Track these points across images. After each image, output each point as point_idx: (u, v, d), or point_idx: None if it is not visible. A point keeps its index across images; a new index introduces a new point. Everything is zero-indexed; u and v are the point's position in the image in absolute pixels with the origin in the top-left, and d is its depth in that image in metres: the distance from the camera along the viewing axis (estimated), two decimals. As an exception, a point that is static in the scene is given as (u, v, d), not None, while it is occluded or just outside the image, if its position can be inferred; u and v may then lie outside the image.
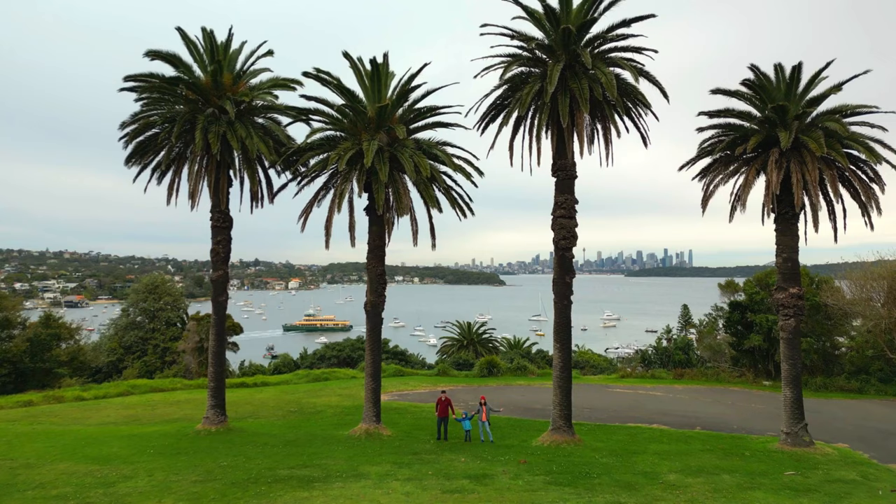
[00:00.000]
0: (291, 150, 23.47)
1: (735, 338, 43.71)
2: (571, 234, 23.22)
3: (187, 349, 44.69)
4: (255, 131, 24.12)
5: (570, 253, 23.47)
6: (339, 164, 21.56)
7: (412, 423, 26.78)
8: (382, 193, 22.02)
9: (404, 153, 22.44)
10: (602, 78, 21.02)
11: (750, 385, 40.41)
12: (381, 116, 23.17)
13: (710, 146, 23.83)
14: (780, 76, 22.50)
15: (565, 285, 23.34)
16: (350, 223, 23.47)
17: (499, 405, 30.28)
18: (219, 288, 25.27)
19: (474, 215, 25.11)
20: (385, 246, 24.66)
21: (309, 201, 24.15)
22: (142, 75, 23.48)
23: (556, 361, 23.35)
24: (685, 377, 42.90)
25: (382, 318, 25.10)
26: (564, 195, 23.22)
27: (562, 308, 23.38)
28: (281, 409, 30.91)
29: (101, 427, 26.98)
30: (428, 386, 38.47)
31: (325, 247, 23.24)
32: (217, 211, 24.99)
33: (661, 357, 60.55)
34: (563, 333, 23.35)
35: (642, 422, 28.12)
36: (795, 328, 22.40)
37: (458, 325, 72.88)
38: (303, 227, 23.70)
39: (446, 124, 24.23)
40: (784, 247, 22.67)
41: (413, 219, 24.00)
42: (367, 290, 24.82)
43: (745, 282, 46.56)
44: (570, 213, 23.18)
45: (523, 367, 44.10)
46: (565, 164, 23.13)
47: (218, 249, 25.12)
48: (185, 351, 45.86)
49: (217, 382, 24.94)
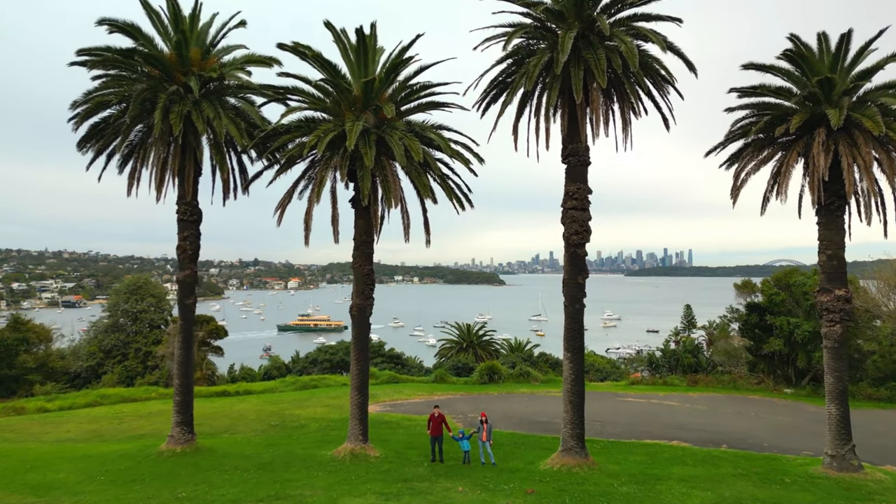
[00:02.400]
0: (265, 133, 20.58)
1: (752, 342, 40.85)
2: (584, 227, 20.39)
3: (168, 354, 41.83)
4: (226, 112, 21.28)
5: (583, 250, 20.64)
6: (318, 147, 18.73)
7: (404, 441, 23.94)
8: (368, 181, 19.17)
9: (393, 136, 19.59)
10: (622, 47, 18.17)
11: (770, 393, 37.57)
12: (368, 94, 20.31)
13: (742, 128, 20.97)
14: (823, 47, 19.66)
15: (577, 286, 20.51)
16: (333, 216, 20.60)
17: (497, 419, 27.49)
18: (186, 289, 22.41)
19: (473, 207, 22.27)
20: (373, 242, 21.82)
21: (286, 192, 21.28)
22: (96, 49, 20.62)
23: (566, 373, 20.51)
24: (700, 384, 40.03)
25: (370, 323, 22.26)
26: (576, 184, 20.38)
27: (573, 312, 20.54)
28: (261, 423, 28.07)
29: (57, 445, 24.14)
30: (424, 394, 35.63)
31: (305, 243, 20.40)
32: (183, 203, 22.15)
33: (669, 360, 57.78)
34: (575, 341, 20.51)
35: (660, 437, 25.30)
36: (842, 336, 19.55)
37: (458, 326, 70.06)
38: (279, 220, 20.82)
39: (442, 105, 21.39)
40: (829, 242, 19.81)
41: (404, 211, 21.18)
42: (352, 292, 21.99)
43: (762, 282, 43.71)
44: (582, 205, 20.34)
45: (526, 374, 41.27)
46: (577, 148, 20.29)
47: (185, 246, 22.26)
48: (165, 356, 42.99)
49: (183, 396, 22.09)
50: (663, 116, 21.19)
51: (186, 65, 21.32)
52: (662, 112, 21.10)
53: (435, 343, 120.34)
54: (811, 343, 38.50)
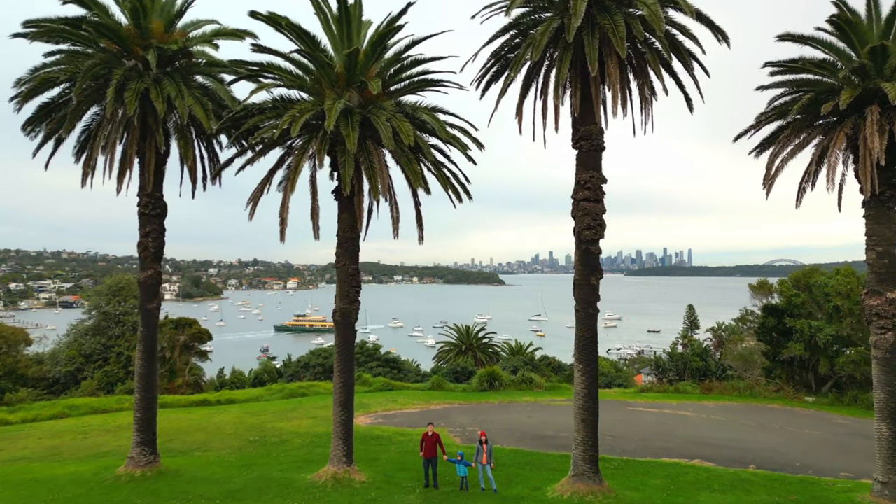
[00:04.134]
0: (233, 114, 18.03)
1: (770, 346, 38.34)
2: (598, 221, 17.88)
3: (146, 360, 39.27)
4: (191, 91, 18.75)
5: (597, 246, 18.13)
6: (292, 129, 16.20)
7: (395, 461, 21.44)
8: (350, 168, 16.65)
9: (380, 116, 17.08)
10: (644, 11, 15.67)
11: (791, 401, 35.06)
12: (352, 70, 17.79)
13: (779, 109, 18.47)
14: (873, 13, 17.16)
15: (590, 288, 18.00)
16: (312, 209, 18.11)
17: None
18: (148, 292, 19.89)
19: (472, 200, 19.76)
20: (359, 239, 19.31)
21: (260, 182, 18.75)
22: (41, 19, 18.11)
23: (577, 386, 18.00)
24: (714, 391, 37.55)
25: (356, 330, 19.76)
26: (589, 172, 17.87)
27: (585, 318, 18.03)
28: (239, 438, 25.54)
29: (7, 465, 21.61)
30: (419, 403, 33.13)
31: (280, 239, 17.88)
32: (144, 194, 19.63)
33: (677, 364, 55.43)
34: (588, 351, 17.99)
35: (679, 455, 22.80)
36: (895, 345, 17.04)
37: (457, 328, 67.52)
38: (251, 214, 18.29)
39: (436, 83, 18.83)
40: (879, 238, 17.29)
41: (393, 203, 18.69)
42: (336, 295, 19.49)
43: (778, 283, 41.24)
44: (596, 195, 17.84)
45: (529, 380, 38.76)
46: (590, 130, 17.79)
47: (146, 243, 19.74)
48: (143, 362, 40.39)
49: (145, 413, 19.56)
50: (686, 96, 18.72)
51: (147, 38, 18.78)
52: (686, 91, 18.65)
53: (433, 344, 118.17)
54: (834, 348, 36.18)
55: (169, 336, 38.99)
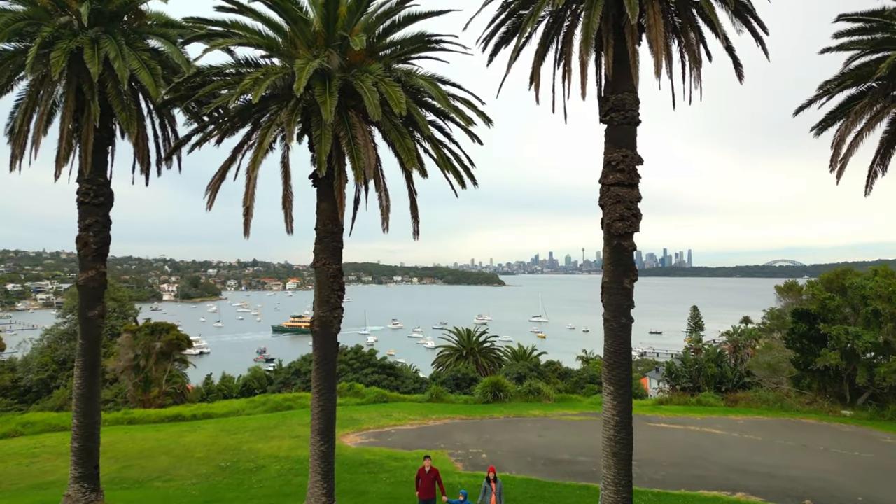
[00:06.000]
0: (184, 77, 14.72)
1: (800, 354, 35.04)
2: (633, 210, 14.63)
3: (119, 368, 36.09)
4: (137, 53, 15.47)
5: (630, 241, 14.88)
6: (254, 93, 12.93)
7: (387, 495, 18.18)
8: (327, 144, 13.37)
9: (365, 80, 13.80)
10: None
11: (826, 415, 31.78)
12: (331, 25, 14.51)
13: (856, 72, 15.19)
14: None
15: (623, 293, 14.74)
16: (284, 196, 14.93)
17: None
18: (89, 297, 16.61)
19: (477, 186, 16.48)
20: (342, 233, 16.04)
21: (221, 165, 15.51)
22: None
23: (608, 412, 14.74)
24: (740, 403, 34.23)
25: (338, 343, 16.48)
26: (621, 150, 14.61)
27: (617, 329, 14.76)
28: (209, 463, 22.26)
29: (-71, 501, 18.36)
30: (416, 419, 29.83)
31: (244, 233, 14.55)
32: (84, 180, 16.38)
33: (691, 371, 52.38)
34: (620, 369, 14.72)
35: (718, 486, 19.56)
36: None
37: (457, 332, 64.22)
38: (210, 202, 15.04)
39: (435, 42, 15.54)
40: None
41: (382, 189, 15.44)
42: (314, 301, 16.22)
43: (807, 284, 37.99)
44: (630, 179, 14.57)
45: (537, 391, 35.45)
46: (623, 100, 14.52)
47: (87, 238, 16.48)
48: (115, 370, 37.17)
49: (84, 442, 16.29)
50: (735, 60, 15.49)
51: (85, -10, 15.53)
52: (735, 54, 15.42)
53: (433, 345, 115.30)
54: (872, 356, 32.96)
55: (144, 343, 35.71)
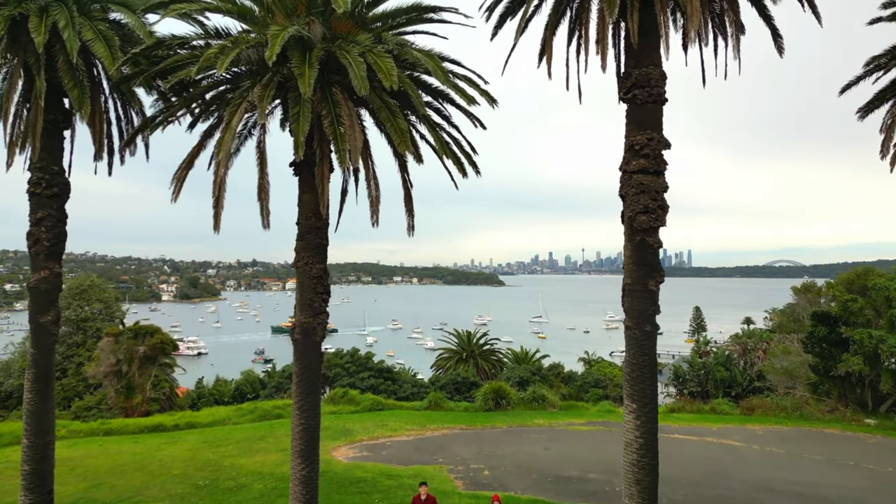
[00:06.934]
0: (143, 47, 12.81)
1: (820, 359, 33.14)
2: (659, 202, 12.76)
3: (99, 374, 34.19)
4: (93, 23, 13.57)
5: (656, 237, 13.03)
6: (219, 65, 11.04)
7: (378, 521, 16.30)
8: (306, 121, 11.47)
9: (351, 51, 11.91)
10: None
11: (849, 425, 29.88)
12: (312, -11, 12.65)
13: None
14: None
15: (648, 296, 12.87)
16: (259, 186, 13.04)
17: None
18: (42, 300, 14.71)
19: (480, 174, 14.58)
20: (327, 228, 14.16)
21: (191, 151, 13.63)
22: None
23: (630, 433, 12.86)
24: (757, 411, 32.34)
25: (322, 352, 14.58)
26: (645, 132, 12.73)
27: (641, 338, 12.88)
28: (185, 482, 20.34)
29: None
30: (414, 429, 27.92)
31: (214, 227, 12.71)
32: (34, 167, 14.50)
33: (699, 374, 50.71)
34: (644, 384, 12.83)
35: (745, 509, 17.71)
36: None
37: (457, 334, 62.34)
38: (175, 193, 13.15)
39: (431, 12, 13.66)
40: None
41: (371, 176, 13.54)
42: (295, 305, 14.33)
43: (825, 285, 36.12)
44: (656, 165, 12.70)
45: (541, 398, 33.53)
46: (648, 74, 12.65)
47: (38, 234, 14.60)
48: (95, 377, 35.24)
49: (36, 465, 14.39)
50: (774, 31, 13.63)
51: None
52: (773, 24, 13.56)
53: (433, 346, 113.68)
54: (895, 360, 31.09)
55: (126, 347, 33.78)
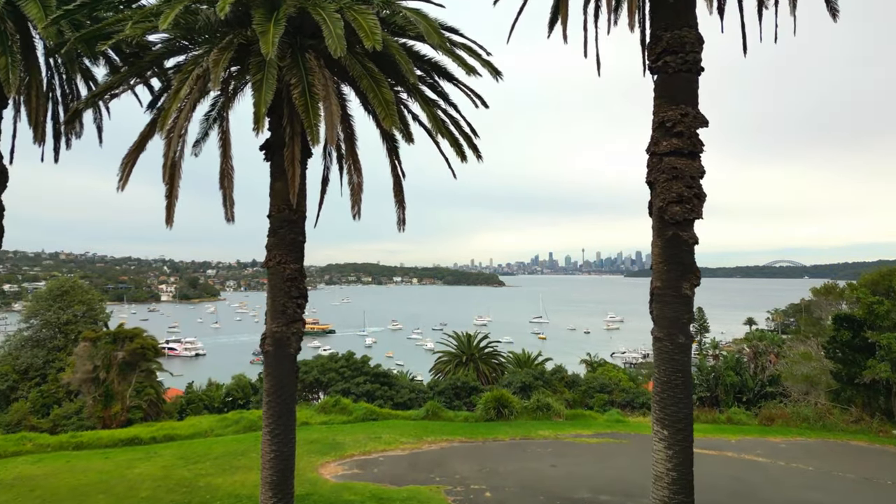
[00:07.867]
0: (80, 4, 10.79)
1: (843, 365, 31.13)
2: (694, 190, 10.71)
3: (75, 381, 32.16)
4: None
5: (691, 232, 10.94)
6: (161, 21, 9.02)
7: (365, 558, 14.26)
8: (269, 90, 9.44)
9: (326, 7, 9.88)
10: None
11: (877, 437, 27.86)
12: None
13: None
14: None
15: (681, 302, 10.79)
16: (221, 170, 11.03)
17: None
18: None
19: (481, 160, 12.53)
20: (302, 221, 12.14)
21: (142, 131, 11.58)
22: None
23: (661, 466, 10.81)
24: (777, 422, 30.31)
25: (298, 366, 12.55)
26: (678, 107, 10.69)
27: (674, 351, 10.81)
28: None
29: None
30: (409, 442, 25.85)
31: (167, 221, 10.72)
32: (-38, 151, 12.46)
33: (708, 379, 48.74)
34: (677, 406, 10.76)
35: (780, 540, 15.67)
36: None
37: (457, 336, 60.36)
38: (123, 180, 11.13)
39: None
40: None
41: (351, 158, 11.50)
42: (266, 312, 12.31)
43: (847, 286, 34.11)
44: (692, 146, 10.66)
45: (546, 406, 31.46)
46: (682, 38, 10.62)
47: (-33, 229, 12.55)
48: (70, 384, 33.20)
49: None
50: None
51: None
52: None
53: (433, 347, 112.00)
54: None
55: (104, 353, 31.77)
